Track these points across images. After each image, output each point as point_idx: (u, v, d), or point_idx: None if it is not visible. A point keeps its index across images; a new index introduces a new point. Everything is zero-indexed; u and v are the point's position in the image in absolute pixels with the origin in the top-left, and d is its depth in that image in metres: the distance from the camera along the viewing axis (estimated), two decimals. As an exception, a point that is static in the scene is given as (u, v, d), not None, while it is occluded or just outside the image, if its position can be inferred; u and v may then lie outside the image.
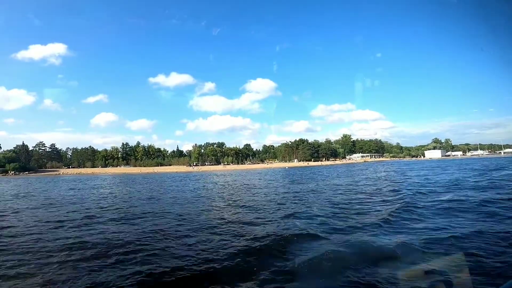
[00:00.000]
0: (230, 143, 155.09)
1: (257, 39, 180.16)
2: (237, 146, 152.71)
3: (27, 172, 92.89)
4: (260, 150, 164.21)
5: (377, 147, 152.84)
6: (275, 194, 19.94)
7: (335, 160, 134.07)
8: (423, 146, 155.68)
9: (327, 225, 9.79)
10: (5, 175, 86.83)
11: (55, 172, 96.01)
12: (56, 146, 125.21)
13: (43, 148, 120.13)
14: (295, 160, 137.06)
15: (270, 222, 10.57)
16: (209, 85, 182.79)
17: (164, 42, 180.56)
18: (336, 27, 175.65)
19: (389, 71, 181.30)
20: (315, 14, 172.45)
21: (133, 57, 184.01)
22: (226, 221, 11.04)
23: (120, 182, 42.33)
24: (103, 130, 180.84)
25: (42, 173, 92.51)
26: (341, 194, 18.69)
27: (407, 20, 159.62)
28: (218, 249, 7.34)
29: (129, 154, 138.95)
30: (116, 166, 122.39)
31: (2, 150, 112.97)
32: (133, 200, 19.11)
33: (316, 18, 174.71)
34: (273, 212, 12.65)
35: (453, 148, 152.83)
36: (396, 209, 11.78)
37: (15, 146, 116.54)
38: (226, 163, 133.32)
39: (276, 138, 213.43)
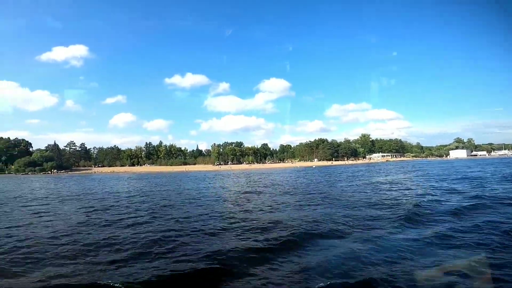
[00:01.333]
0: (244, 143, 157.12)
1: (270, 39, 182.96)
2: (255, 146, 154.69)
3: (64, 171, 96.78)
4: (277, 149, 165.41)
5: (397, 147, 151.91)
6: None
7: (357, 160, 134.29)
8: (444, 146, 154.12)
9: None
10: (45, 173, 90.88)
11: (90, 171, 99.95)
12: (85, 146, 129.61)
13: (73, 147, 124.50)
14: (315, 159, 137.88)
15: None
16: (224, 85, 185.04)
17: (179, 43, 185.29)
18: (350, 26, 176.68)
19: (405, 69, 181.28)
20: (328, 13, 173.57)
21: (149, 58, 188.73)
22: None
23: (184, 180, 44.37)
24: (121, 130, 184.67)
25: (78, 172, 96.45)
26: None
27: (423, 17, 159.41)
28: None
29: (152, 153, 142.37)
30: (142, 165, 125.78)
31: (32, 149, 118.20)
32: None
33: (329, 17, 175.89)
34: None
35: (476, 147, 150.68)
36: None
37: (47, 145, 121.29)
38: (248, 162, 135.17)
39: (290, 138, 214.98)
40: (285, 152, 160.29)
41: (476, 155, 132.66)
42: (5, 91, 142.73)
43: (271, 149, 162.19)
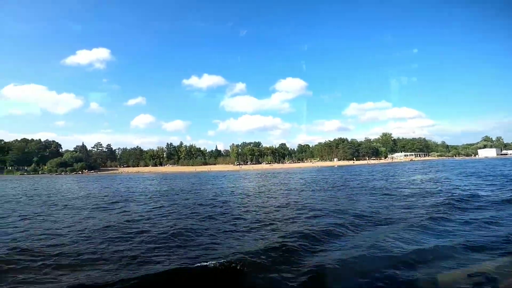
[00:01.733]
0: (261, 143, 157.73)
1: (285, 39, 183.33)
2: (273, 146, 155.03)
3: (93, 171, 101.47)
4: (295, 149, 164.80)
5: (421, 146, 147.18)
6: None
7: (379, 159, 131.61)
8: (471, 145, 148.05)
9: None
10: (76, 173, 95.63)
11: (117, 171, 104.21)
12: (111, 147, 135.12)
13: (100, 148, 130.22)
14: (335, 159, 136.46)
15: None
16: (240, 86, 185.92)
17: (195, 45, 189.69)
18: (368, 24, 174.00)
19: (427, 67, 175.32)
20: (344, 12, 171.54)
21: (167, 60, 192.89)
22: None
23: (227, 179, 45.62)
24: (140, 131, 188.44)
25: (107, 172, 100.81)
26: None
27: (444, 12, 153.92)
28: None
29: (173, 154, 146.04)
30: (164, 165, 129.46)
31: (62, 150, 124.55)
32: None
33: (345, 17, 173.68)
34: None
35: (506, 146, 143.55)
36: None
37: (75, 146, 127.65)
38: (267, 162, 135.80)
39: (306, 137, 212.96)
40: (304, 152, 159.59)
41: (506, 154, 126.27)
42: (34, 95, 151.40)
43: (289, 148, 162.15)
